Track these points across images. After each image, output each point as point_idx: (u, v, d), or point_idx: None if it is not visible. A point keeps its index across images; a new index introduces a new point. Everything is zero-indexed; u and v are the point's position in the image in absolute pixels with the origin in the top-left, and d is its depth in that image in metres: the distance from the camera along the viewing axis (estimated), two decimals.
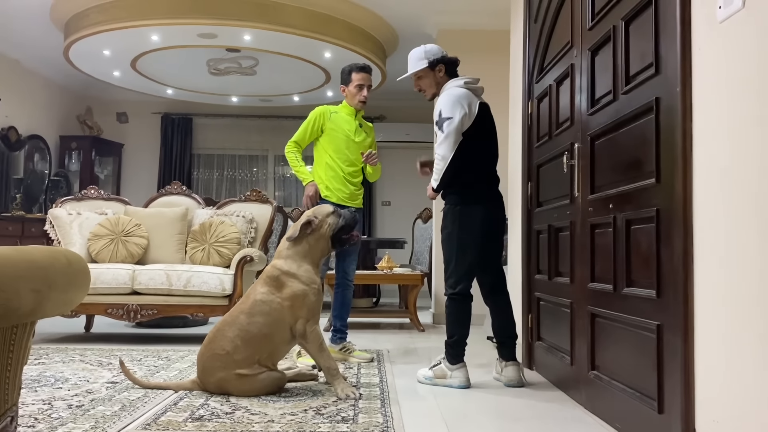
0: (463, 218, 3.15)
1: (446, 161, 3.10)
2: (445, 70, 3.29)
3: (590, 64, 2.78)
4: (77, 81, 8.37)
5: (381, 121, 9.39)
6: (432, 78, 3.29)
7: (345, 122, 3.92)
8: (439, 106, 3.15)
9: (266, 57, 6.90)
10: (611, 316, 2.48)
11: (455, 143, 3.09)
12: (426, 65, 3.26)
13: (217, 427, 2.33)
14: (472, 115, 3.15)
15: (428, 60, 3.26)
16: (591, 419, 2.59)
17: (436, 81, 3.30)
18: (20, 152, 7.78)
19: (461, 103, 3.12)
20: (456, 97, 3.14)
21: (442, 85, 3.28)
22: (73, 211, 4.82)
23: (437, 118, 3.13)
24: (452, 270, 3.17)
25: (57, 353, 3.83)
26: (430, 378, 3.16)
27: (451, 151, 3.09)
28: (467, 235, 3.15)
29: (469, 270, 3.17)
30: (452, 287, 3.16)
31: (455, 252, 3.16)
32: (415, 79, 3.34)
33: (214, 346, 2.83)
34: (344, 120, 3.93)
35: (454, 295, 3.15)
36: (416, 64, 3.29)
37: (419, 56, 3.29)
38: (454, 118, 3.08)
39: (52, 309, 1.52)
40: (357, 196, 3.99)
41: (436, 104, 3.21)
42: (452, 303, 3.17)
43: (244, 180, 9.68)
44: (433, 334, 5.14)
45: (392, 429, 2.33)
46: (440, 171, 3.13)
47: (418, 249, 7.13)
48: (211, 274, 4.32)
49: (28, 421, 2.34)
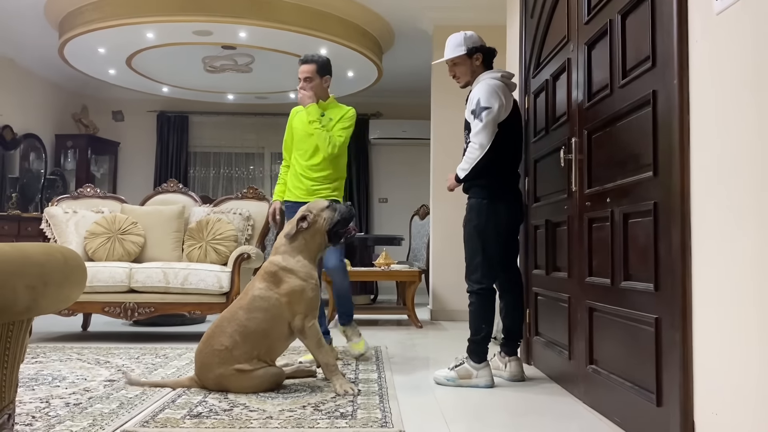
0: (490, 213, 3.12)
1: (484, 150, 3.04)
2: (483, 59, 3.25)
3: (587, 58, 2.78)
4: (72, 79, 8.34)
5: (377, 118, 9.38)
6: (468, 66, 3.25)
7: (303, 118, 3.82)
8: (476, 95, 3.10)
9: (262, 54, 6.88)
10: (609, 310, 2.48)
11: (493, 133, 3.06)
12: (464, 52, 3.21)
13: (216, 423, 2.32)
14: (507, 108, 3.13)
15: (467, 47, 3.21)
16: (589, 413, 2.59)
17: (472, 69, 3.25)
18: (16, 151, 7.76)
19: (498, 94, 3.10)
20: (494, 87, 3.11)
21: (477, 74, 3.24)
22: (70, 209, 4.81)
23: (473, 107, 3.09)
24: (477, 265, 3.12)
25: (54, 352, 3.82)
26: (453, 379, 3.07)
27: (490, 141, 3.05)
28: (493, 230, 3.13)
29: (493, 265, 3.14)
30: (478, 282, 3.11)
31: (481, 247, 3.12)
32: (451, 65, 3.29)
33: (212, 342, 2.83)
34: (303, 116, 3.82)
35: (481, 290, 3.11)
36: (454, 50, 3.24)
37: (458, 42, 3.24)
38: (493, 108, 3.05)
39: (48, 306, 1.51)
40: (317, 190, 3.75)
41: (472, 93, 3.16)
42: (478, 299, 3.12)
43: (240, 177, 9.66)
44: (431, 330, 5.14)
45: (391, 424, 2.33)
46: (474, 160, 3.07)
47: (415, 246, 7.13)
48: (208, 271, 4.32)
49: (26, 419, 2.33)
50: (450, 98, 5.67)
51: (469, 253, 3.17)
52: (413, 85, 8.10)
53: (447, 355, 3.59)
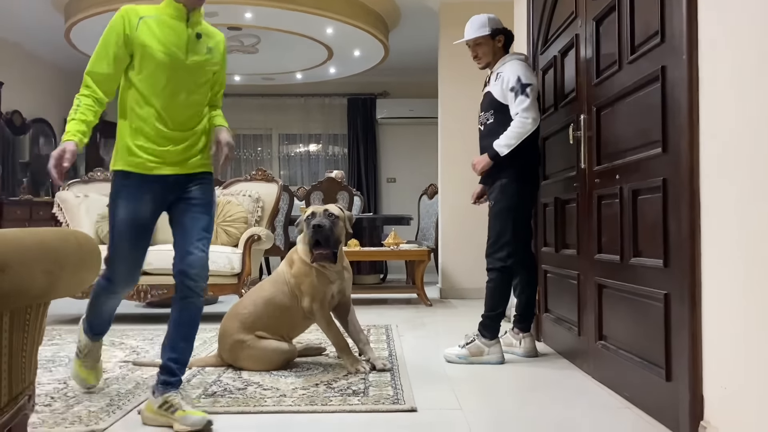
0: (520, 194, 3.16)
1: (536, 123, 3.10)
2: (504, 42, 3.30)
3: (595, 34, 2.75)
4: (79, 63, 8.27)
5: (384, 97, 9.34)
6: (491, 47, 3.28)
7: (166, 31, 2.28)
8: (513, 73, 3.12)
9: (268, 34, 6.86)
10: (618, 286, 2.49)
11: (538, 109, 3.14)
12: (488, 32, 3.25)
13: (230, 402, 2.36)
14: (537, 88, 3.22)
15: (491, 28, 3.25)
16: (599, 388, 2.61)
17: (493, 51, 3.29)
18: (25, 136, 7.80)
19: (533, 72, 3.21)
20: (526, 66, 3.20)
21: (497, 56, 3.28)
22: (81, 193, 4.84)
23: (512, 84, 3.11)
24: (505, 242, 3.14)
25: (69, 334, 3.88)
26: (464, 357, 3.10)
27: (539, 115, 3.14)
28: (522, 210, 3.19)
29: (518, 245, 3.18)
30: (503, 260, 3.13)
31: (511, 225, 3.14)
32: (473, 45, 3.31)
33: (238, 307, 2.98)
34: (165, 27, 2.28)
35: (504, 268, 3.14)
36: (478, 30, 3.27)
37: (482, 23, 3.27)
38: (534, 84, 3.13)
39: (64, 290, 1.54)
40: (186, 156, 2.34)
41: (505, 72, 3.17)
42: (500, 276, 3.15)
43: (248, 159, 9.67)
44: (440, 308, 5.17)
45: (403, 401, 2.36)
46: (524, 134, 3.08)
47: (424, 225, 7.14)
48: (219, 253, 4.34)
49: (44, 400, 2.38)
50: (457, 76, 5.64)
51: (497, 231, 3.17)
52: (420, 63, 8.05)
53: (457, 333, 3.62)
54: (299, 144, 9.71)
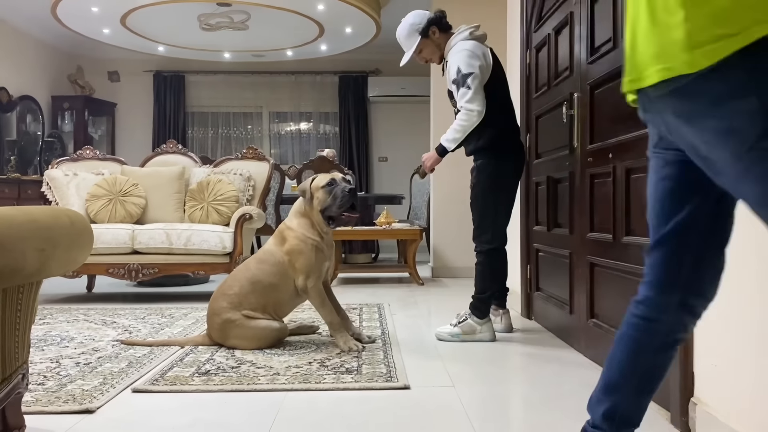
0: (498, 173, 3.09)
1: (481, 115, 3.00)
2: (439, 29, 3.17)
3: (590, 11, 2.74)
4: (66, 40, 8.22)
5: (376, 75, 9.28)
6: (431, 44, 3.19)
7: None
8: (454, 63, 3.03)
9: (258, 11, 6.77)
10: (610, 265, 2.50)
11: (483, 97, 3.01)
12: (420, 37, 3.15)
13: (224, 380, 2.37)
14: (489, 66, 3.08)
15: (419, 31, 3.15)
16: (590, 365, 2.64)
17: (436, 44, 3.19)
18: (12, 114, 7.70)
19: (477, 54, 3.04)
20: (469, 50, 3.04)
21: (443, 46, 3.18)
22: (70, 171, 4.80)
23: (455, 76, 3.01)
24: (488, 225, 3.11)
25: (61, 313, 3.87)
26: (457, 335, 3.11)
27: (484, 104, 3.00)
28: (503, 189, 3.12)
29: (503, 224, 3.15)
30: (489, 242, 3.11)
31: (492, 207, 3.10)
32: (417, 56, 3.23)
33: (224, 286, 2.95)
34: None
35: (491, 250, 3.12)
36: (410, 41, 3.18)
37: (409, 32, 3.18)
38: (476, 71, 2.99)
39: (57, 268, 1.53)
40: None
41: (449, 63, 3.09)
42: (487, 258, 3.13)
43: (239, 138, 9.60)
44: (432, 287, 5.19)
45: (396, 379, 2.38)
46: (470, 127, 3.02)
47: (415, 204, 7.14)
48: (210, 232, 4.33)
49: (37, 379, 2.38)
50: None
51: (479, 214, 3.15)
52: None
53: (449, 312, 3.64)
54: (290, 122, 9.64)
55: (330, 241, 3.02)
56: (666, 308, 1.29)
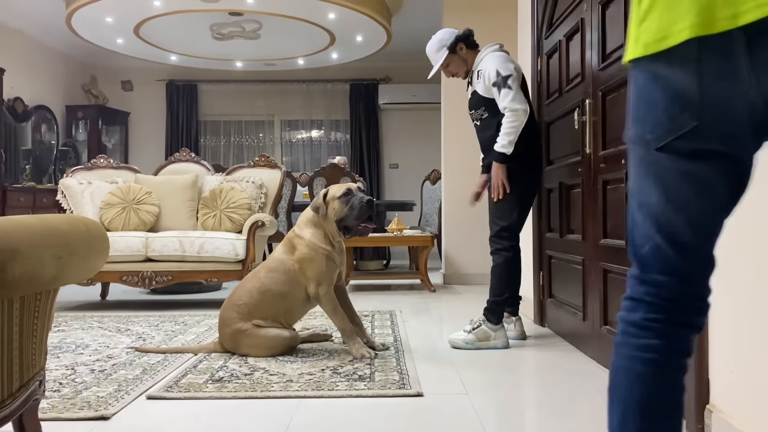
0: (523, 179, 3.16)
1: (527, 114, 3.07)
2: (466, 45, 3.28)
3: (601, 17, 2.74)
4: (81, 50, 8.31)
5: (387, 82, 9.31)
6: (458, 59, 3.29)
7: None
8: (491, 68, 3.11)
9: (270, 20, 6.82)
10: (624, 271, 2.49)
11: (523, 97, 3.11)
12: (447, 52, 3.25)
13: (237, 387, 2.38)
14: (520, 74, 3.18)
15: (447, 47, 3.25)
16: (603, 372, 2.63)
17: (462, 60, 3.29)
18: (27, 123, 7.79)
19: (511, 59, 3.19)
20: (504, 56, 3.18)
21: (469, 61, 3.29)
22: (84, 180, 4.85)
23: (494, 79, 3.09)
24: (508, 227, 3.15)
25: (75, 321, 3.90)
26: (471, 342, 3.10)
27: (527, 103, 3.10)
28: (526, 195, 3.21)
29: (519, 230, 3.21)
30: (509, 240, 3.16)
31: (517, 212, 3.17)
32: (445, 69, 3.34)
33: (234, 297, 2.96)
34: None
35: (511, 247, 3.16)
36: (438, 56, 3.29)
37: (437, 48, 3.29)
38: (513, 73, 3.10)
39: (74, 275, 1.55)
40: None
41: (483, 69, 3.17)
42: (506, 260, 3.16)
43: (251, 146, 9.66)
44: (444, 294, 5.18)
45: (409, 386, 2.38)
46: (519, 127, 3.06)
47: (427, 211, 7.14)
48: (223, 239, 4.36)
49: (53, 386, 2.39)
50: None
51: (502, 213, 3.17)
52: (423, 48, 7.93)
53: (461, 318, 3.64)
54: (301, 130, 9.69)
55: (341, 247, 3.03)
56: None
